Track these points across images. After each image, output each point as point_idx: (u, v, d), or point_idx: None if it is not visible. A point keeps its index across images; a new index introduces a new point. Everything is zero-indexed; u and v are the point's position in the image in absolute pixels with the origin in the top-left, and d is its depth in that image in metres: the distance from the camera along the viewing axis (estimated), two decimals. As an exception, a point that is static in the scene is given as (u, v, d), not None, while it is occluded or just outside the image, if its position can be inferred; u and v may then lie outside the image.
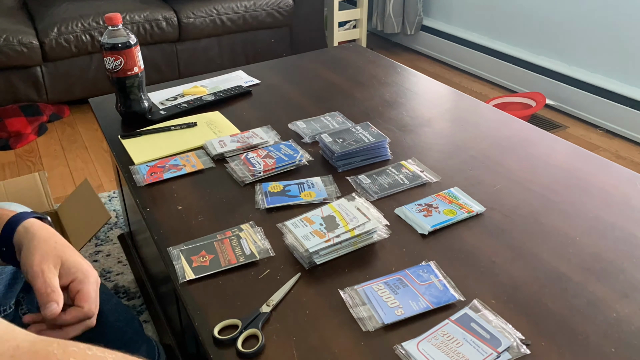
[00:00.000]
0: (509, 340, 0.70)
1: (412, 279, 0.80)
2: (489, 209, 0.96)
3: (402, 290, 0.78)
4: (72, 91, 2.59)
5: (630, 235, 0.90)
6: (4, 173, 2.18)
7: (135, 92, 1.28)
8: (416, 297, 0.77)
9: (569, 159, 1.13)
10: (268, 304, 0.76)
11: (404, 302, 0.76)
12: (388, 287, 0.78)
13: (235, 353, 0.70)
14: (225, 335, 0.72)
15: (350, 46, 1.81)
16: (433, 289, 0.78)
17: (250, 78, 1.54)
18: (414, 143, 1.19)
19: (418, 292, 0.78)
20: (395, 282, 0.79)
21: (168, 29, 2.65)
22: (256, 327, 0.73)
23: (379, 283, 0.79)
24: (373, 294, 0.77)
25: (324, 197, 1.00)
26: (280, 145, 1.16)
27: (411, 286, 0.79)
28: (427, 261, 0.84)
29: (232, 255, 0.86)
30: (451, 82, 2.98)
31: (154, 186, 1.06)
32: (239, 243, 0.88)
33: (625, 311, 0.75)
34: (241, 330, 0.72)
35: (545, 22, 2.63)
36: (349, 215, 0.87)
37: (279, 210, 0.98)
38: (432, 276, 0.81)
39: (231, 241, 0.89)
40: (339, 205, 0.90)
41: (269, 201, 0.99)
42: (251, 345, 0.71)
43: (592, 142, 2.35)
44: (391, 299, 0.76)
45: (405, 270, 0.82)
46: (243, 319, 0.74)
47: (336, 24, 3.21)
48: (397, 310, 0.75)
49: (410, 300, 0.76)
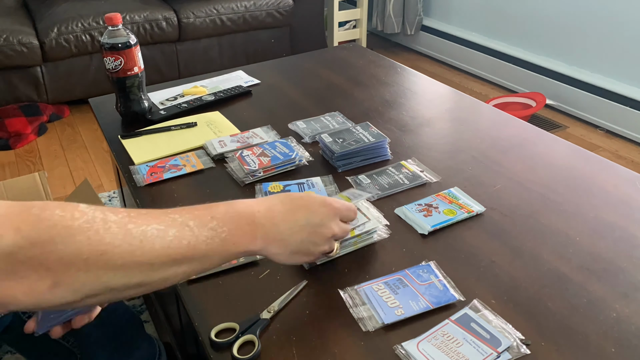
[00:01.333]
0: (509, 340, 0.70)
1: (412, 279, 0.80)
2: (489, 209, 0.96)
3: (402, 290, 0.78)
4: (72, 91, 2.59)
5: (630, 235, 0.90)
6: (4, 173, 2.18)
7: (135, 92, 1.28)
8: (416, 297, 0.77)
9: (569, 159, 1.13)
10: (269, 310, 0.75)
11: (404, 302, 0.76)
12: (388, 287, 0.78)
13: (230, 358, 0.69)
14: (222, 338, 0.71)
15: (350, 46, 1.81)
16: (433, 289, 0.78)
17: (250, 78, 1.54)
18: (414, 143, 1.19)
19: (418, 292, 0.78)
20: (395, 282, 0.79)
21: (168, 29, 2.65)
22: (253, 334, 0.71)
23: (379, 283, 0.79)
24: (373, 294, 0.77)
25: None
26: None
27: (411, 286, 0.79)
28: (427, 261, 0.84)
29: None
30: (451, 82, 2.98)
31: (154, 186, 1.06)
32: None
33: (625, 311, 0.75)
34: (238, 335, 0.71)
35: (545, 22, 2.63)
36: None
37: (279, 210, 0.97)
38: (432, 276, 0.81)
39: None
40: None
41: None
42: (247, 351, 0.70)
43: (592, 142, 2.35)
44: (391, 299, 0.76)
45: (405, 270, 0.82)
46: (242, 323, 0.73)
47: (336, 24, 3.21)
48: (397, 310, 0.75)
49: (410, 300, 0.76)
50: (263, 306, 0.77)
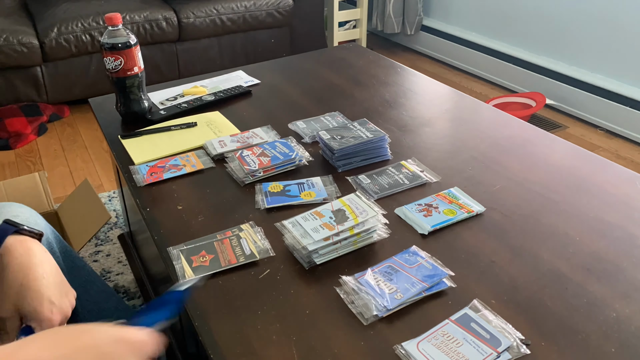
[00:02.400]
0: (509, 340, 0.70)
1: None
2: (489, 209, 0.96)
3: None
4: (72, 91, 2.59)
5: (630, 235, 0.90)
6: (4, 173, 2.18)
7: (135, 92, 1.28)
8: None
9: (569, 158, 1.13)
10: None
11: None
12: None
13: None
14: None
15: (350, 46, 1.81)
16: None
17: (250, 78, 1.54)
18: (414, 143, 1.19)
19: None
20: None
21: (168, 29, 2.65)
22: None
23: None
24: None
25: (324, 197, 1.00)
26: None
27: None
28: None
29: (232, 255, 0.86)
30: (451, 82, 2.98)
31: (154, 186, 1.06)
32: (239, 243, 0.88)
33: (625, 311, 0.75)
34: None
35: (545, 21, 2.63)
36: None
37: (279, 210, 0.98)
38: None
39: (231, 241, 0.89)
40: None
41: (269, 201, 0.99)
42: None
43: (592, 142, 2.35)
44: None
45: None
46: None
47: (336, 24, 3.21)
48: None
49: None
50: (262, 304, 0.77)
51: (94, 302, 1.08)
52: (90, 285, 1.09)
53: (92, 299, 1.08)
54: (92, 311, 1.07)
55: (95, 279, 1.12)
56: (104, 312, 1.11)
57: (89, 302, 1.07)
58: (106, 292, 1.14)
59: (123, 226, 1.81)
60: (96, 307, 1.09)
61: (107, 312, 1.12)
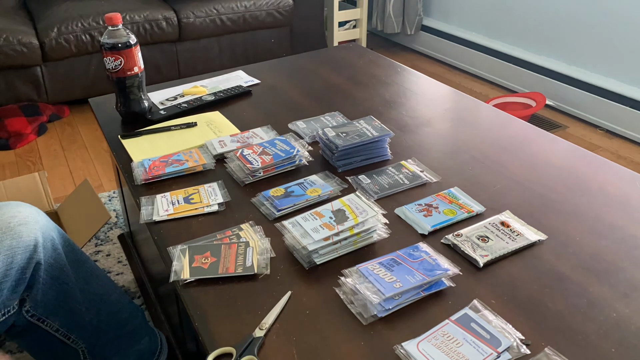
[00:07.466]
0: (509, 340, 0.70)
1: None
2: (489, 209, 0.96)
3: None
4: (72, 91, 2.59)
5: (630, 236, 0.90)
6: (4, 173, 2.18)
7: (135, 92, 1.28)
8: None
9: (569, 158, 1.13)
10: (261, 327, 0.73)
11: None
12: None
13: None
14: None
15: (350, 46, 1.81)
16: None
17: (250, 78, 1.54)
18: (414, 143, 1.19)
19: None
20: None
21: (168, 29, 2.65)
22: (252, 354, 0.69)
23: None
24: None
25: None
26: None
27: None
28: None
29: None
30: (451, 82, 2.98)
31: (154, 185, 1.06)
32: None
33: (625, 311, 0.75)
34: (237, 358, 0.69)
35: (545, 21, 2.63)
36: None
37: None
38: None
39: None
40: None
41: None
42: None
43: (592, 142, 2.35)
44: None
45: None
46: (237, 346, 0.71)
47: (336, 24, 3.21)
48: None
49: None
50: (262, 304, 0.77)
51: (96, 294, 1.09)
52: (93, 278, 1.10)
53: (94, 291, 1.09)
54: (93, 302, 1.08)
55: (99, 272, 1.13)
56: (106, 304, 1.11)
57: (91, 294, 1.08)
58: (109, 285, 1.15)
59: (123, 226, 1.81)
60: (98, 298, 1.09)
61: (109, 304, 1.12)
